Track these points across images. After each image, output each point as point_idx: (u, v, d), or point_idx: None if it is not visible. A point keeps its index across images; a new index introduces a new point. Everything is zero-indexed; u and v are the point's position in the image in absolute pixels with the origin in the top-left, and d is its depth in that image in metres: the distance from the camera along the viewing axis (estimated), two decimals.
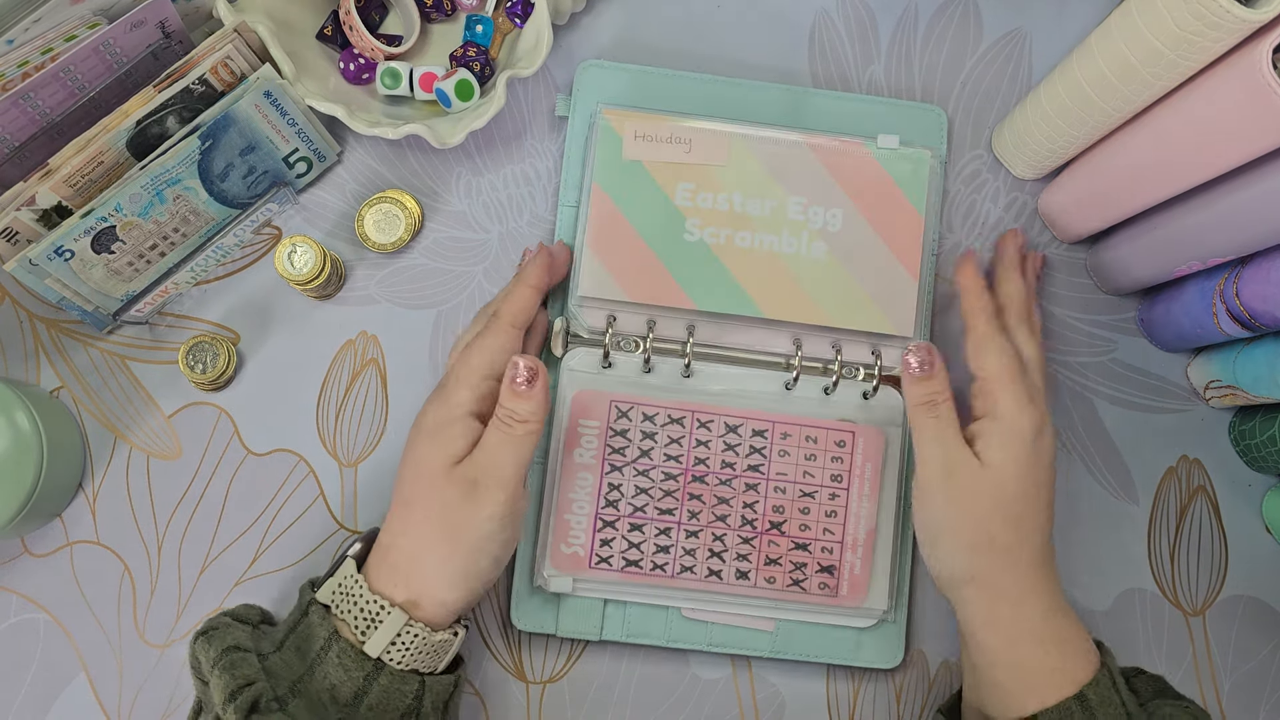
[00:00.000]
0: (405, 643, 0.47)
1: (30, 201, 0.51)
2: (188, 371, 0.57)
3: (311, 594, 0.49)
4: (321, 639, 0.47)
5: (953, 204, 0.62)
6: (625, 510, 0.56)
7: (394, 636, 0.47)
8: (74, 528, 0.57)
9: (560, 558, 0.55)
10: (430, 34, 0.62)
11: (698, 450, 0.56)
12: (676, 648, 0.57)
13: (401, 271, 0.60)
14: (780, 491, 0.56)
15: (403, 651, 0.48)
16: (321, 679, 0.47)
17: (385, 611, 0.47)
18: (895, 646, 0.57)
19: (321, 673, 0.47)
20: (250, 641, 0.48)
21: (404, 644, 0.47)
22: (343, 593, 0.49)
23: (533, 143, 0.61)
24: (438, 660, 0.49)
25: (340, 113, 0.55)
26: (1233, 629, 0.59)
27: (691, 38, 0.63)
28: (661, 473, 0.56)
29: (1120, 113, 0.52)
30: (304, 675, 0.47)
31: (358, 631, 0.47)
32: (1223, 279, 0.53)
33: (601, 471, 0.56)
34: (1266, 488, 0.60)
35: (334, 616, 0.48)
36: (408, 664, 0.48)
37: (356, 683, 0.47)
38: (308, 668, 0.47)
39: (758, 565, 0.56)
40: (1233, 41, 0.44)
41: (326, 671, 0.47)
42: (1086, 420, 0.60)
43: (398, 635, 0.47)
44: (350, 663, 0.47)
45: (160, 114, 0.53)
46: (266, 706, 0.44)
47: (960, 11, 0.64)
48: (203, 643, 0.47)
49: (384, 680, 0.47)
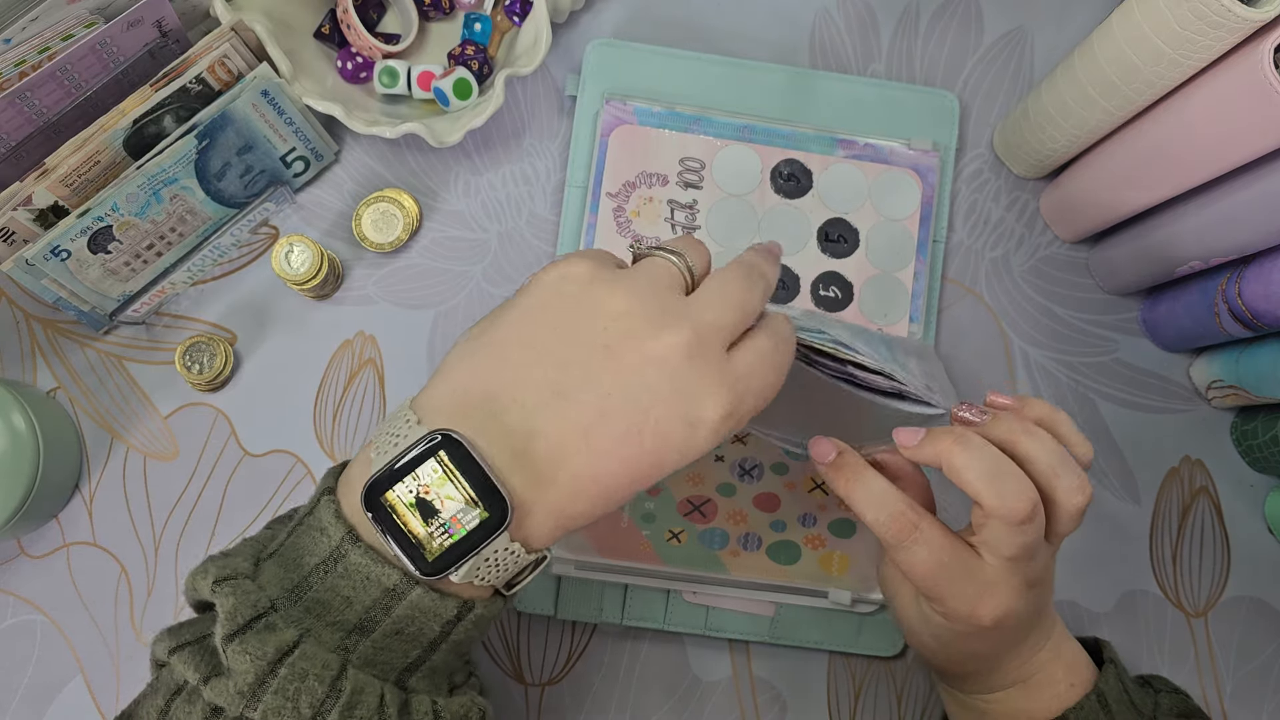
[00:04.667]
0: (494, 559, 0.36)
1: (27, 201, 0.50)
2: (185, 372, 0.57)
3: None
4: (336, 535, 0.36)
5: (955, 203, 0.62)
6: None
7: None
8: (71, 529, 0.57)
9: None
10: (428, 32, 0.61)
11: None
12: (676, 632, 0.57)
13: (399, 271, 0.60)
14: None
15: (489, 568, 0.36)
16: (332, 585, 0.36)
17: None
18: (896, 634, 0.57)
19: (333, 579, 0.36)
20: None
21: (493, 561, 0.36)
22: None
23: (532, 142, 0.61)
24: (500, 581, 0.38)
25: (338, 112, 0.55)
26: (1235, 630, 0.59)
27: (691, 37, 0.62)
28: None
29: (1122, 112, 0.52)
30: (302, 580, 0.36)
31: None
32: (1225, 279, 0.53)
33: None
34: (1269, 488, 0.60)
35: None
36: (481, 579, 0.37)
37: (373, 597, 0.36)
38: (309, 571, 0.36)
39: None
40: (1234, 41, 0.44)
41: (335, 583, 0.36)
42: (1088, 421, 0.60)
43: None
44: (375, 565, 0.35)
45: (157, 113, 0.52)
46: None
47: (961, 10, 0.63)
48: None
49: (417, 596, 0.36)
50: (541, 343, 0.36)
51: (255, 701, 0.33)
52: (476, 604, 0.37)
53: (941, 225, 0.60)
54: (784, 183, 0.59)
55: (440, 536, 0.35)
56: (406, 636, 0.36)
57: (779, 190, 0.59)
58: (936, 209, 0.60)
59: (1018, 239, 0.62)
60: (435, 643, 0.36)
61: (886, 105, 0.61)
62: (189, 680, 0.35)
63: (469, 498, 0.35)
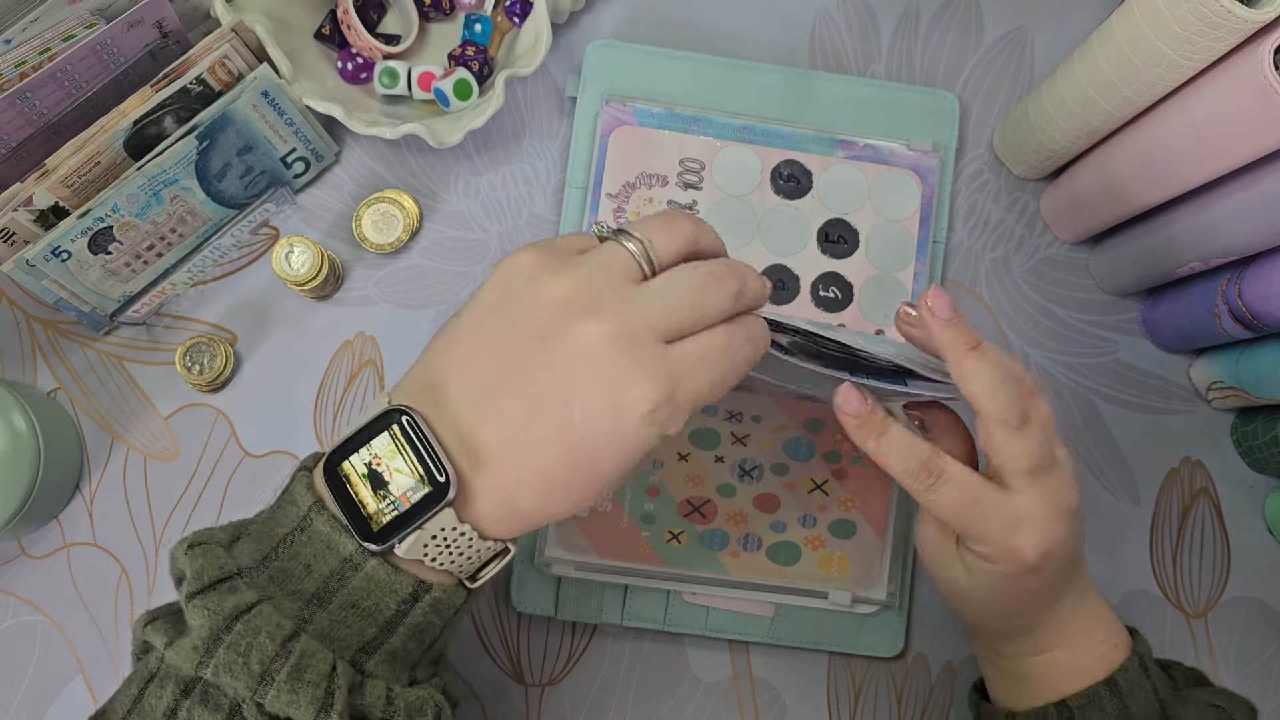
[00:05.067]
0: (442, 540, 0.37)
1: (27, 202, 0.50)
2: (185, 372, 0.57)
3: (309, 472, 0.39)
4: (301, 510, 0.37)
5: (955, 204, 0.62)
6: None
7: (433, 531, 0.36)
8: (71, 529, 0.57)
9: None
10: (429, 33, 0.61)
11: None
12: (676, 632, 0.57)
13: (399, 272, 0.60)
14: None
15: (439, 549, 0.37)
16: (293, 553, 0.37)
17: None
18: (896, 635, 0.57)
19: (296, 547, 0.37)
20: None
21: (441, 541, 0.36)
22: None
23: (532, 142, 0.61)
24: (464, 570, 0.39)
25: (338, 112, 0.55)
26: (1235, 631, 0.59)
27: (691, 38, 0.62)
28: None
29: (1122, 112, 0.52)
30: (273, 548, 0.37)
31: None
32: (1225, 279, 0.53)
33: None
34: (1269, 489, 0.60)
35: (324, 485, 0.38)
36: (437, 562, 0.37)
37: (331, 566, 0.36)
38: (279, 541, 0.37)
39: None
40: (1234, 42, 0.44)
41: (298, 550, 0.37)
42: (1088, 421, 0.60)
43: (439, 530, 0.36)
44: (333, 538, 0.36)
45: (157, 114, 0.52)
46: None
47: (961, 11, 0.63)
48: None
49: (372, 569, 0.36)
50: (488, 335, 0.38)
51: (209, 658, 0.34)
52: (434, 587, 0.37)
53: (941, 226, 0.60)
54: (784, 183, 0.59)
55: (389, 510, 0.36)
56: (362, 611, 0.36)
57: (779, 191, 0.59)
58: (936, 209, 0.60)
59: (1018, 240, 0.62)
60: (391, 623, 0.37)
61: (886, 106, 0.61)
62: (156, 646, 0.35)
63: (416, 472, 0.36)
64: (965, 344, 0.42)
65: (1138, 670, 0.46)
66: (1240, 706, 0.46)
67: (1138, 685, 0.45)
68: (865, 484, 0.57)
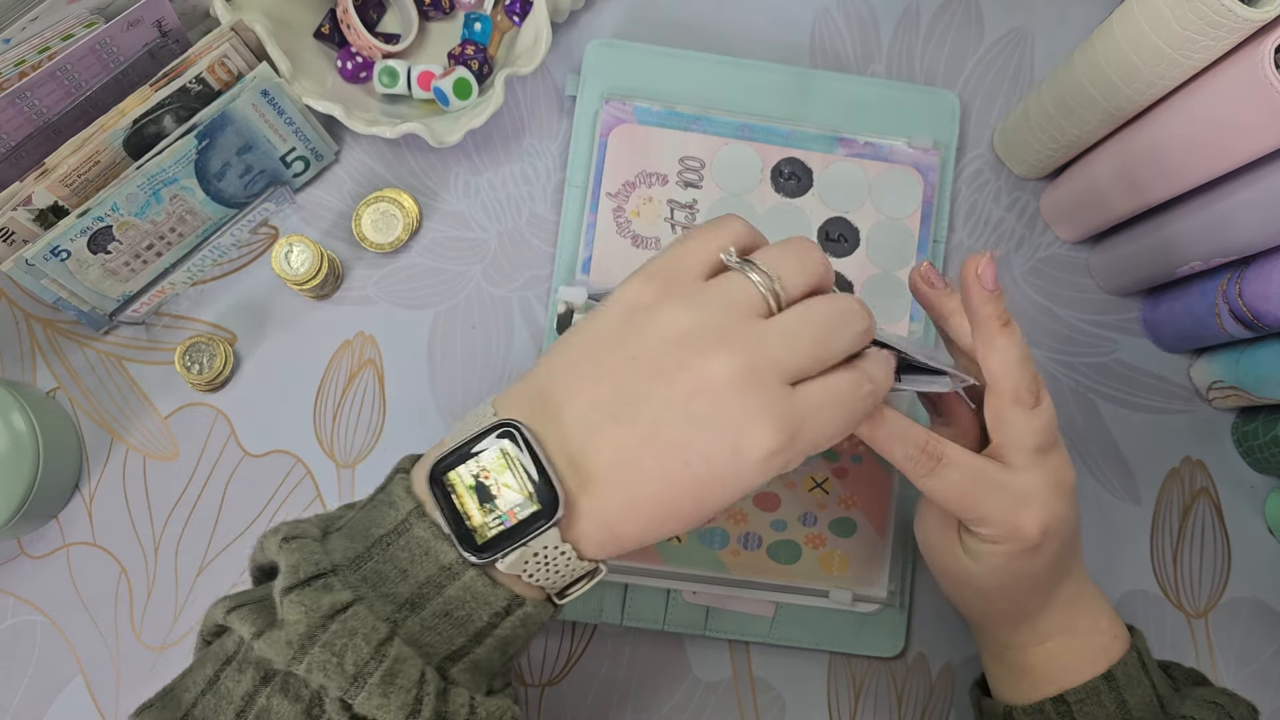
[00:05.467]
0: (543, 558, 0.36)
1: (27, 201, 0.50)
2: (184, 372, 0.57)
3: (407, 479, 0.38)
4: (401, 513, 0.37)
5: (955, 203, 0.62)
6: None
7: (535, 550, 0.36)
8: (70, 529, 0.57)
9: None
10: (428, 32, 0.61)
11: None
12: (676, 632, 0.57)
13: (399, 271, 0.60)
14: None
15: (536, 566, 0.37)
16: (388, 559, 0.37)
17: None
18: (896, 635, 0.57)
19: (390, 551, 0.37)
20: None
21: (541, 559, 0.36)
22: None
23: (531, 141, 0.61)
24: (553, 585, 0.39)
25: (338, 111, 0.55)
26: (1235, 631, 0.59)
27: (691, 37, 0.62)
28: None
29: (1122, 112, 0.52)
30: (364, 551, 0.37)
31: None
32: (1225, 279, 0.53)
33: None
34: (1270, 489, 0.60)
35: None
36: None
37: (428, 573, 0.36)
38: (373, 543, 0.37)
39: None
40: (1235, 41, 0.44)
41: (395, 554, 0.37)
42: (1088, 421, 0.60)
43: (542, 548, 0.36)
44: (432, 545, 0.36)
45: (157, 113, 0.52)
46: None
47: (961, 10, 0.63)
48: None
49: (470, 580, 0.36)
50: (606, 361, 0.37)
51: (303, 654, 0.34)
52: (527, 602, 0.37)
53: (942, 225, 0.60)
54: (785, 181, 0.59)
55: (495, 525, 0.36)
56: (454, 620, 0.36)
57: (779, 189, 0.59)
58: (937, 208, 0.60)
59: (1018, 239, 0.62)
60: (481, 634, 0.37)
61: (887, 104, 0.61)
62: (243, 636, 0.35)
63: (525, 489, 0.36)
64: (999, 319, 0.43)
65: (1136, 665, 0.46)
66: (1240, 706, 0.46)
67: (1136, 680, 0.46)
68: (865, 482, 0.57)
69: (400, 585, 0.36)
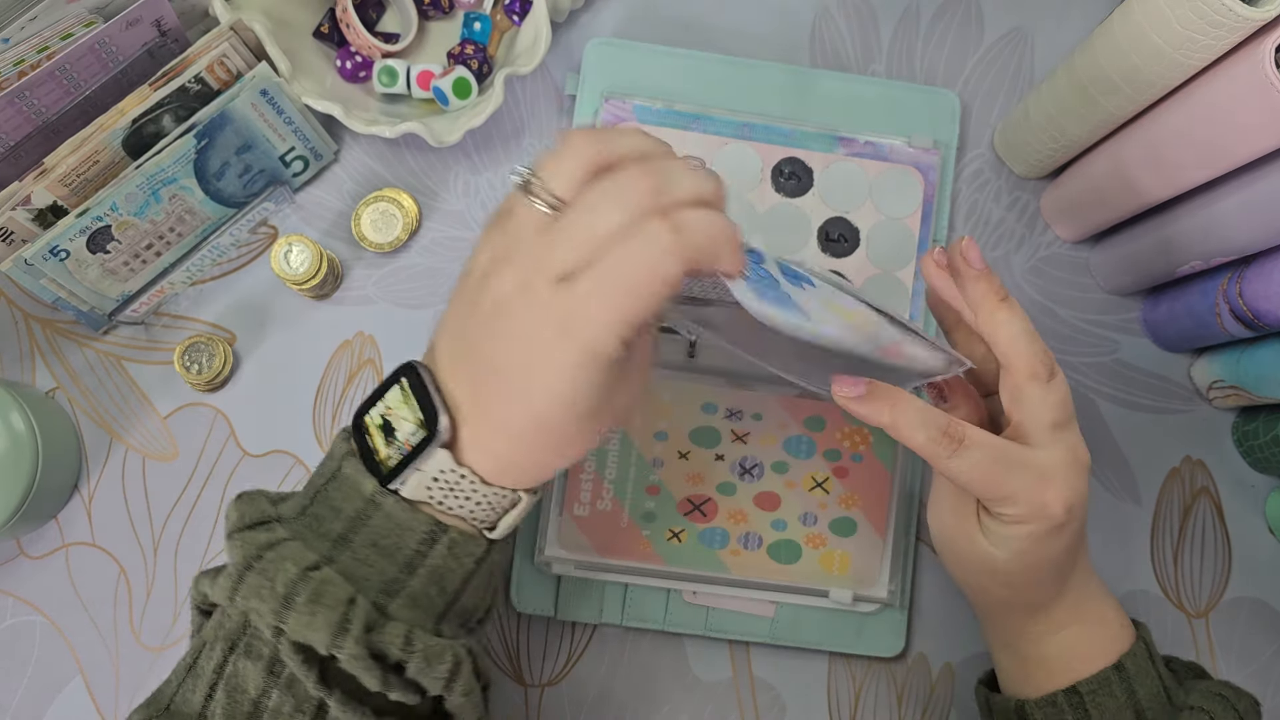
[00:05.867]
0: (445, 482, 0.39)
1: (26, 201, 0.50)
2: (184, 372, 0.57)
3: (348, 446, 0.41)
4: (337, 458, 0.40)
5: (955, 203, 0.61)
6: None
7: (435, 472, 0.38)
8: (70, 529, 0.57)
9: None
10: (428, 31, 0.61)
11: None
12: (676, 632, 0.57)
13: (399, 271, 0.60)
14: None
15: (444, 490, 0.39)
16: (325, 501, 0.40)
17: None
18: (896, 635, 0.57)
19: (328, 496, 0.40)
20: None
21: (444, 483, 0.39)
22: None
23: (531, 141, 0.61)
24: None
25: (337, 111, 0.55)
26: (1236, 631, 0.59)
27: (691, 36, 0.62)
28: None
29: (1123, 111, 0.52)
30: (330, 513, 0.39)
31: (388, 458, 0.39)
32: (1226, 279, 0.53)
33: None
34: (1270, 489, 0.60)
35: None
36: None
37: (356, 506, 0.39)
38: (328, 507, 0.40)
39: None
40: (1235, 40, 0.44)
41: (330, 494, 0.39)
42: (1089, 421, 0.60)
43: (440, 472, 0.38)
44: (359, 482, 0.39)
45: (156, 113, 0.52)
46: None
47: (961, 10, 0.63)
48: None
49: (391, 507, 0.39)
50: (455, 303, 0.40)
51: (240, 584, 0.37)
52: (451, 529, 0.39)
53: (942, 224, 0.60)
54: (785, 181, 0.59)
55: (396, 455, 0.38)
56: (383, 550, 0.38)
57: (780, 189, 0.59)
58: (937, 208, 0.60)
59: (1018, 239, 0.62)
60: (411, 563, 0.38)
61: (887, 103, 0.61)
62: (207, 594, 0.38)
63: (415, 417, 0.38)
64: (996, 295, 0.43)
65: (1144, 656, 0.46)
66: (1244, 698, 0.47)
67: (1144, 671, 0.46)
68: (866, 482, 0.57)
69: (334, 523, 0.39)
